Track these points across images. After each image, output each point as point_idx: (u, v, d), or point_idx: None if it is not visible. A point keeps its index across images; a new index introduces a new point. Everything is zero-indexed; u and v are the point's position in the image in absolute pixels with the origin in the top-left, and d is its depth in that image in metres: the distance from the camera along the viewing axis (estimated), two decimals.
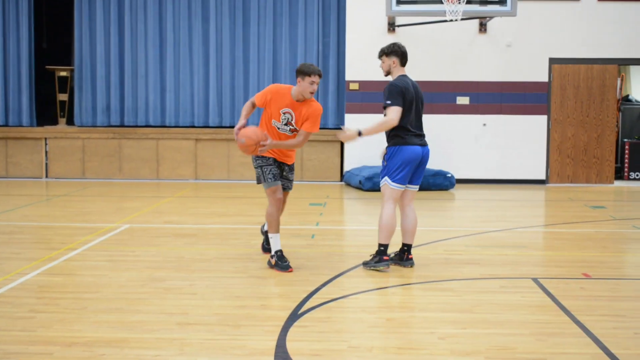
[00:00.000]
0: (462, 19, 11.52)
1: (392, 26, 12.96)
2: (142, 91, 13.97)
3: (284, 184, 6.44)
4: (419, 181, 6.34)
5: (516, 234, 8.20)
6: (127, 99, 13.98)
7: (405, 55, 6.29)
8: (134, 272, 6.12)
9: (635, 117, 14.68)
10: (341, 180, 13.49)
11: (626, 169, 13.93)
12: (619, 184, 13.44)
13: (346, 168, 13.29)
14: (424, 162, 6.26)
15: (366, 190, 12.00)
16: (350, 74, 13.27)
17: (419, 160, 6.18)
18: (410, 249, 6.40)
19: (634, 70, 15.32)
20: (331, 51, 13.76)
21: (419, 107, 6.24)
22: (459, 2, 11.20)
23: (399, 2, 11.64)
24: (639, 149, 13.93)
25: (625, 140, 14.07)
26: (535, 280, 5.92)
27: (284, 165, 6.42)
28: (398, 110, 6.02)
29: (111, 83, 13.98)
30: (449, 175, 12.32)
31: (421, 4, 11.65)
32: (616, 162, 13.74)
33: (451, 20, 11.45)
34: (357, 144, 12.45)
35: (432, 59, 13.03)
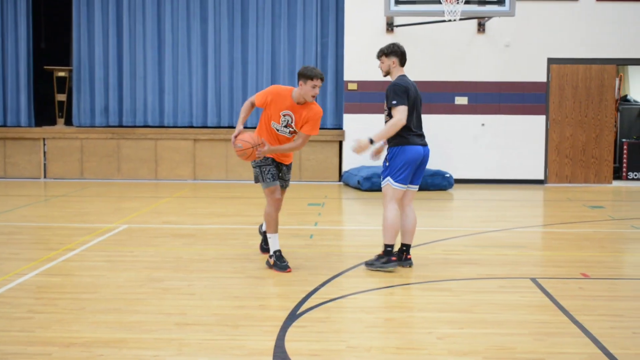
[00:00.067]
0: (461, 19, 11.52)
1: (390, 26, 12.96)
2: (141, 91, 13.96)
3: (280, 183, 6.44)
4: (419, 181, 6.35)
5: (515, 234, 8.20)
6: (126, 100, 13.97)
7: (405, 55, 6.31)
8: (132, 273, 6.12)
9: (633, 117, 14.70)
10: (339, 181, 13.49)
11: (624, 169, 13.95)
12: (617, 184, 13.45)
13: (344, 168, 13.29)
14: (424, 162, 6.27)
15: (365, 190, 12.00)
16: (349, 74, 13.27)
17: (421, 160, 6.19)
18: (409, 249, 6.40)
19: (632, 70, 15.33)
20: (330, 51, 13.76)
21: (419, 107, 6.25)
22: (458, 2, 11.20)
23: (397, 2, 11.64)
24: (637, 148, 13.94)
25: (624, 140, 14.08)
26: (534, 280, 5.92)
27: (281, 165, 6.42)
28: (405, 110, 6.02)
29: (109, 83, 13.98)
30: (448, 175, 12.33)
31: (419, 4, 11.65)
32: (614, 162, 13.75)
33: (449, 21, 11.45)
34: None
35: (431, 59, 13.03)
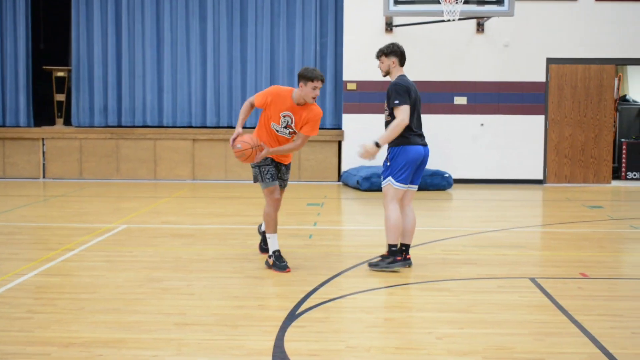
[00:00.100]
0: (460, 19, 11.53)
1: (389, 26, 12.96)
2: (140, 91, 13.96)
3: (279, 182, 6.42)
4: (419, 181, 6.35)
5: (514, 233, 8.21)
6: (125, 99, 13.97)
7: (404, 55, 6.31)
8: (131, 273, 6.12)
9: (632, 117, 14.70)
10: (339, 181, 13.49)
11: (623, 169, 13.95)
12: (616, 183, 13.46)
13: (344, 168, 13.29)
14: (424, 162, 6.27)
15: (364, 190, 12.00)
16: (348, 74, 13.27)
17: (421, 160, 6.19)
18: (408, 249, 6.40)
19: (631, 70, 15.34)
20: (329, 51, 13.76)
21: (419, 107, 6.25)
22: (457, 2, 11.20)
23: (396, 2, 11.63)
24: (636, 148, 13.95)
25: (623, 140, 14.09)
26: (533, 280, 5.92)
27: (280, 165, 6.42)
28: (407, 110, 6.02)
29: (108, 83, 13.97)
30: (447, 175, 12.33)
31: (418, 4, 11.65)
32: (613, 162, 13.76)
33: (448, 20, 11.45)
34: (355, 144, 12.50)
35: (430, 59, 13.04)
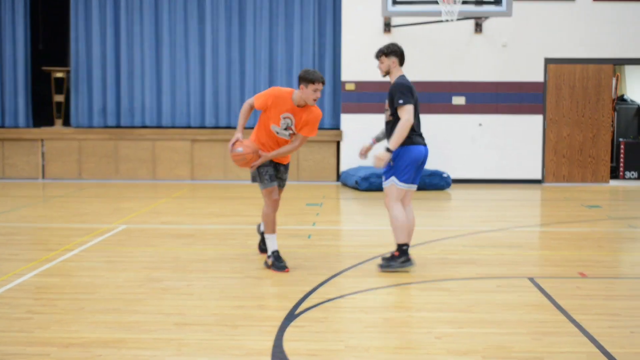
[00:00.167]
0: (458, 19, 11.54)
1: (388, 26, 12.97)
2: (139, 92, 13.96)
3: (277, 182, 6.43)
4: (418, 181, 6.36)
5: (512, 233, 8.22)
6: (124, 100, 13.97)
7: (404, 55, 6.31)
8: (131, 273, 6.13)
9: (630, 116, 14.73)
10: (337, 181, 13.50)
11: (621, 169, 13.97)
12: (614, 183, 13.48)
13: (342, 168, 13.30)
14: (424, 162, 6.29)
15: (362, 191, 12.00)
16: (347, 75, 13.28)
17: (422, 159, 6.20)
18: (407, 248, 6.40)
19: (629, 70, 15.36)
20: (327, 52, 13.76)
21: (418, 107, 6.26)
22: (455, 3, 11.22)
23: (395, 2, 11.65)
24: (634, 148, 13.97)
25: (621, 139, 14.11)
26: (532, 279, 5.93)
27: (279, 165, 6.42)
28: (412, 109, 6.02)
29: (107, 84, 13.97)
30: (445, 175, 12.34)
31: (417, 4, 11.67)
32: (612, 162, 13.78)
33: (447, 21, 11.47)
34: (354, 144, 12.52)
35: (428, 59, 13.05)
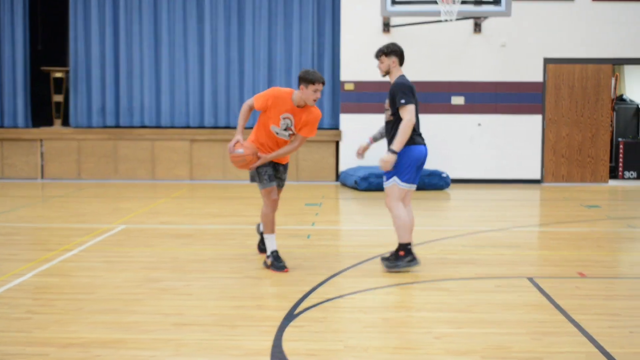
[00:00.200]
0: (457, 19, 11.54)
1: (387, 26, 12.97)
2: (138, 92, 13.96)
3: (276, 182, 6.42)
4: (417, 180, 6.36)
5: (511, 233, 8.22)
6: (123, 100, 13.96)
7: (404, 55, 6.31)
8: (129, 273, 6.12)
9: (629, 116, 14.73)
10: (337, 181, 13.49)
11: (620, 168, 13.98)
12: (613, 183, 13.48)
13: (341, 168, 13.29)
14: (424, 162, 6.29)
15: (362, 190, 12.00)
16: (346, 74, 13.28)
17: (423, 159, 6.21)
18: (411, 247, 6.40)
19: (628, 70, 15.37)
20: (326, 51, 13.76)
21: (418, 107, 6.27)
22: (454, 3, 11.22)
23: (394, 2, 11.64)
24: (633, 148, 13.98)
25: (620, 139, 14.12)
26: (531, 279, 5.93)
27: (278, 165, 6.42)
28: (413, 109, 6.03)
29: (106, 84, 13.97)
30: (444, 175, 12.34)
31: (416, 4, 11.67)
32: (611, 162, 13.79)
33: (446, 21, 11.47)
34: (353, 144, 12.51)
35: (427, 59, 13.05)
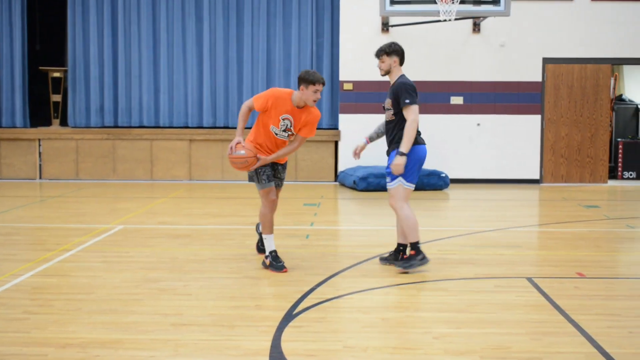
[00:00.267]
0: (456, 19, 11.53)
1: (385, 26, 12.96)
2: (136, 92, 13.94)
3: (275, 182, 6.41)
4: (416, 180, 6.37)
5: (510, 233, 8.21)
6: (121, 100, 13.95)
7: (404, 54, 6.31)
8: (128, 273, 6.11)
9: (628, 116, 14.73)
10: (335, 181, 13.49)
11: (620, 169, 13.97)
12: (612, 183, 13.48)
13: (340, 168, 13.28)
14: (424, 161, 6.31)
15: (360, 191, 11.99)
16: (344, 74, 13.27)
17: (424, 159, 6.23)
18: (405, 249, 6.40)
19: (627, 70, 15.37)
20: (325, 51, 13.75)
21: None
22: (453, 2, 11.20)
23: (392, 2, 11.62)
24: (632, 148, 13.97)
25: (619, 139, 14.11)
26: (530, 279, 5.93)
27: (277, 165, 6.40)
28: (417, 109, 6.04)
29: (105, 84, 13.95)
30: (443, 175, 12.33)
31: (415, 4, 11.65)
32: (610, 162, 13.78)
33: (445, 20, 11.46)
34: (352, 144, 12.48)
35: (426, 59, 13.04)
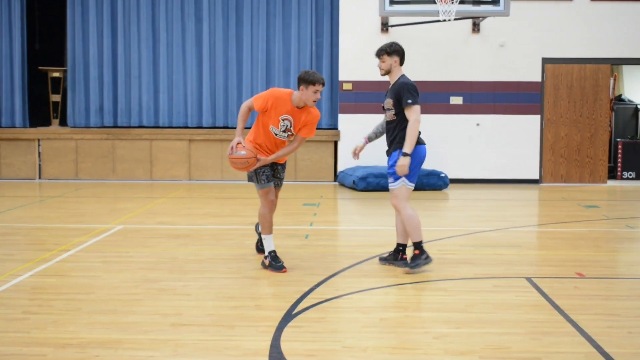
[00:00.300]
0: (455, 19, 11.53)
1: (385, 26, 12.96)
2: (136, 92, 13.93)
3: (274, 182, 6.41)
4: (416, 180, 6.38)
5: (510, 233, 8.21)
6: (121, 100, 13.94)
7: (404, 54, 6.31)
8: (127, 273, 6.11)
9: (628, 116, 14.73)
10: (335, 181, 13.49)
11: (619, 169, 13.98)
12: (612, 183, 13.48)
13: (340, 168, 13.28)
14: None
15: (360, 191, 11.99)
16: (344, 74, 13.27)
17: (425, 158, 6.24)
18: (405, 249, 6.41)
19: (626, 70, 15.37)
20: (324, 51, 13.75)
21: None
22: (452, 2, 11.20)
23: (392, 2, 11.62)
24: (632, 148, 13.98)
25: (618, 139, 14.11)
26: (529, 279, 5.93)
27: (276, 164, 6.40)
28: (419, 109, 6.06)
29: (104, 84, 13.94)
30: (443, 175, 12.33)
31: (414, 4, 11.64)
32: (609, 162, 13.79)
33: (444, 20, 11.46)
34: (351, 144, 12.48)
35: (426, 59, 13.04)
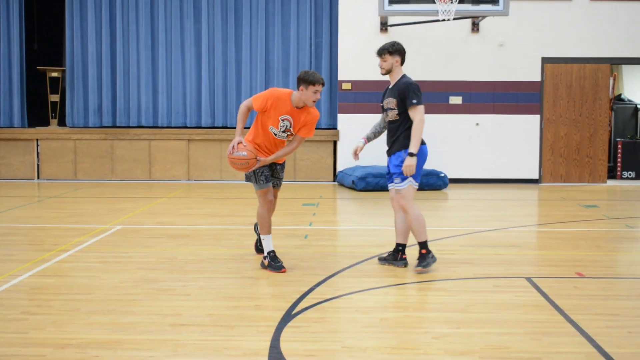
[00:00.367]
0: (455, 18, 11.53)
1: (384, 26, 12.96)
2: (134, 92, 13.92)
3: (273, 182, 6.40)
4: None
5: (509, 233, 8.21)
6: (119, 100, 13.93)
7: (405, 54, 6.32)
8: (127, 274, 6.10)
9: (627, 116, 14.73)
10: (334, 181, 13.48)
11: (619, 168, 13.98)
12: (611, 183, 13.48)
13: (339, 168, 13.28)
14: None
15: (359, 190, 11.99)
16: (343, 74, 13.26)
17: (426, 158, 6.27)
18: (404, 249, 6.40)
19: (626, 70, 15.37)
20: (324, 51, 13.74)
21: None
22: (452, 2, 11.20)
23: (391, 1, 11.62)
24: (631, 148, 13.97)
25: (618, 139, 14.11)
26: (529, 279, 5.92)
27: (275, 164, 6.39)
28: (423, 109, 6.10)
29: (103, 84, 13.93)
30: (442, 175, 12.33)
31: (414, 3, 11.64)
32: (609, 161, 13.78)
33: (443, 20, 11.46)
34: (351, 144, 12.49)
35: (425, 58, 13.03)
